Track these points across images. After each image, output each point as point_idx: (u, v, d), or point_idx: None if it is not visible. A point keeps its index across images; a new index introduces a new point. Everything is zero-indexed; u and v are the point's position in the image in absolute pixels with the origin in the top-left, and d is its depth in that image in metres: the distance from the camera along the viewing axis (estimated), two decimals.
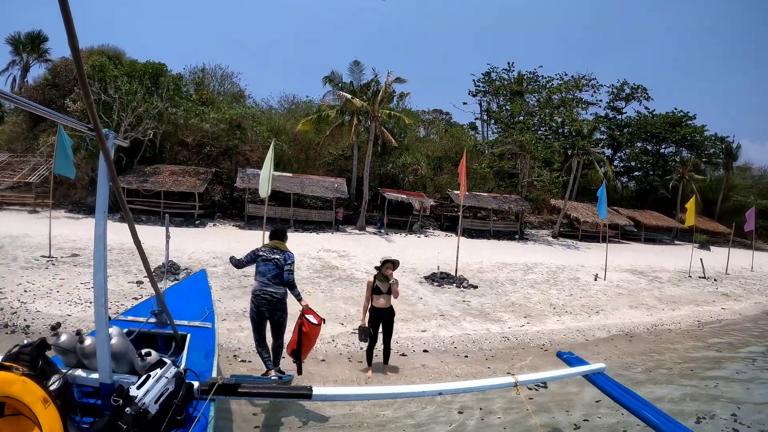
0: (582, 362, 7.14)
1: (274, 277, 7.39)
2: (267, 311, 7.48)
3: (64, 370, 4.06)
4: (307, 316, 7.00)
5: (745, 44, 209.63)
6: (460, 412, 7.43)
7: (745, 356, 12.56)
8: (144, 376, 4.02)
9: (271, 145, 17.56)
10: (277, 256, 7.45)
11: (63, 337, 4.40)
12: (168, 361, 4.32)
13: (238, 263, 7.69)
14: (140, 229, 4.94)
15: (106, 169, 3.75)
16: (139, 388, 3.88)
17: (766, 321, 17.67)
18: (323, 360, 9.49)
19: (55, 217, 19.07)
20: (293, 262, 7.52)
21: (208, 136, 34.71)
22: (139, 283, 13.18)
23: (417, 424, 6.99)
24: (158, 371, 4.12)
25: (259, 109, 46.19)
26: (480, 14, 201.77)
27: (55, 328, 9.17)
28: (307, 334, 7.05)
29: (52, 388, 3.53)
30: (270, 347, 7.77)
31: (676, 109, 59.89)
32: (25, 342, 3.76)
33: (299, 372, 7.30)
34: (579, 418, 7.58)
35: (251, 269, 7.92)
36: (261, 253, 7.55)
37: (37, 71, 43.30)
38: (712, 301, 19.59)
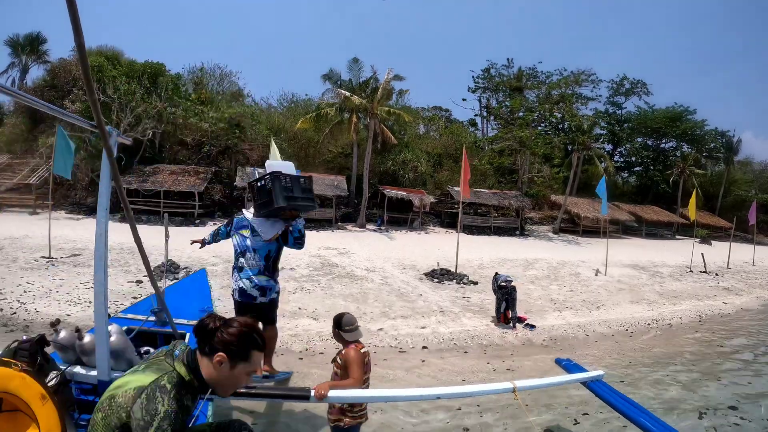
0: (580, 369, 7.16)
1: None
2: None
3: (63, 367, 4.07)
4: None
5: (750, 35, 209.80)
6: (458, 409, 7.44)
7: (746, 350, 12.57)
8: None
9: (272, 141, 17.54)
10: None
11: (62, 334, 4.42)
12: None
13: None
14: (140, 228, 4.99)
15: (108, 167, 3.76)
16: None
17: (767, 315, 17.69)
18: (321, 353, 9.51)
19: (55, 218, 19.07)
20: None
21: (207, 135, 34.65)
22: (139, 282, 13.21)
23: (414, 423, 7.00)
24: None
25: (258, 108, 46.18)
26: (478, 10, 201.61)
27: (55, 324, 9.17)
28: None
29: (50, 384, 3.54)
30: None
31: (676, 103, 60.11)
32: (24, 338, 3.77)
33: None
34: (578, 419, 7.59)
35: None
36: None
37: (36, 73, 43.37)
38: (713, 296, 19.61)
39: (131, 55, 38.34)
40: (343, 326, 4.86)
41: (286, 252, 7.55)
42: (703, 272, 24.88)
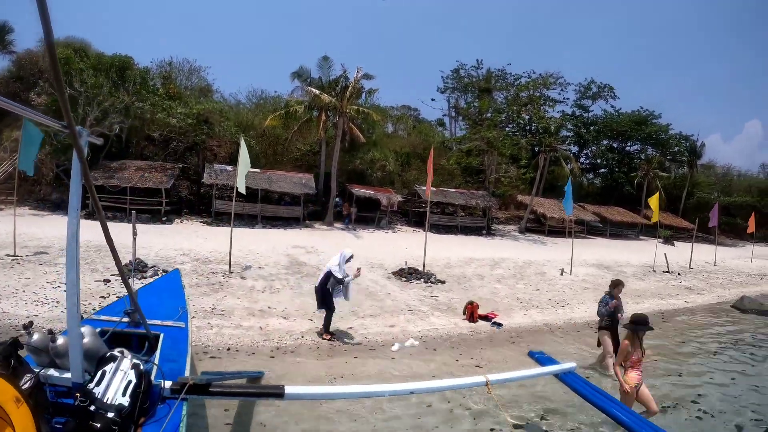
0: (553, 361, 7.30)
1: None
2: None
3: (37, 370, 4.06)
4: None
5: (723, 38, 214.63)
6: (428, 406, 7.54)
7: (706, 347, 12.90)
8: (99, 373, 4.06)
9: (242, 142, 17.46)
10: None
11: (35, 337, 4.41)
12: (118, 354, 4.33)
13: None
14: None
15: (79, 168, 3.76)
16: (98, 384, 3.93)
17: (727, 314, 18.13)
18: (292, 352, 9.58)
19: (19, 215, 18.71)
20: None
21: (174, 131, 34.19)
22: (107, 281, 13.05)
23: (388, 419, 7.07)
24: (111, 365, 4.15)
25: (227, 104, 45.77)
26: (449, 10, 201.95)
27: (27, 327, 9.04)
28: None
29: (24, 387, 3.53)
30: None
31: (641, 108, 61.10)
32: None
33: None
34: (549, 411, 7.73)
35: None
36: None
37: (1, 63, 42.23)
38: (675, 295, 20.04)
39: (99, 47, 37.71)
40: None
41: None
42: (666, 272, 25.38)
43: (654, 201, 28.15)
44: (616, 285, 10.39)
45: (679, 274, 25.50)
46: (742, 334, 14.99)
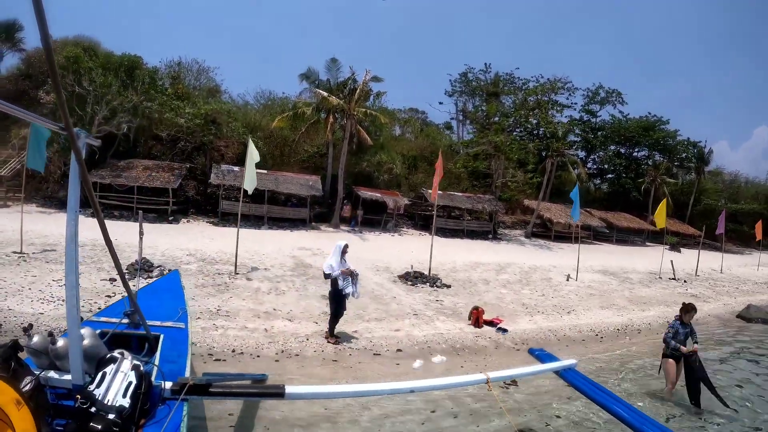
0: (553, 358, 7.25)
1: None
2: None
3: (37, 372, 4.05)
4: None
5: (731, 42, 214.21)
6: (432, 411, 7.50)
7: (714, 356, 12.79)
8: (99, 375, 4.07)
9: (250, 142, 17.46)
10: None
11: (35, 339, 4.39)
12: (118, 355, 4.33)
13: None
14: (113, 224, 4.96)
15: (77, 169, 3.73)
16: (98, 386, 3.93)
17: (733, 322, 18.02)
18: (297, 355, 9.55)
19: (26, 212, 18.73)
20: None
21: (182, 131, 34.12)
22: (112, 280, 13.04)
23: (390, 422, 7.03)
24: (112, 367, 4.15)
25: (235, 105, 45.81)
26: (450, 10, 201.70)
27: (27, 329, 9.05)
28: None
29: (25, 389, 3.52)
30: None
31: (649, 113, 61.09)
32: None
33: None
34: (551, 413, 7.68)
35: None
36: None
37: (11, 61, 42.32)
38: (681, 302, 19.87)
39: (109, 46, 37.75)
40: None
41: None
42: (672, 279, 25.25)
43: (661, 208, 28.04)
44: (687, 311, 9.37)
45: (685, 281, 25.37)
46: (749, 342, 14.90)
